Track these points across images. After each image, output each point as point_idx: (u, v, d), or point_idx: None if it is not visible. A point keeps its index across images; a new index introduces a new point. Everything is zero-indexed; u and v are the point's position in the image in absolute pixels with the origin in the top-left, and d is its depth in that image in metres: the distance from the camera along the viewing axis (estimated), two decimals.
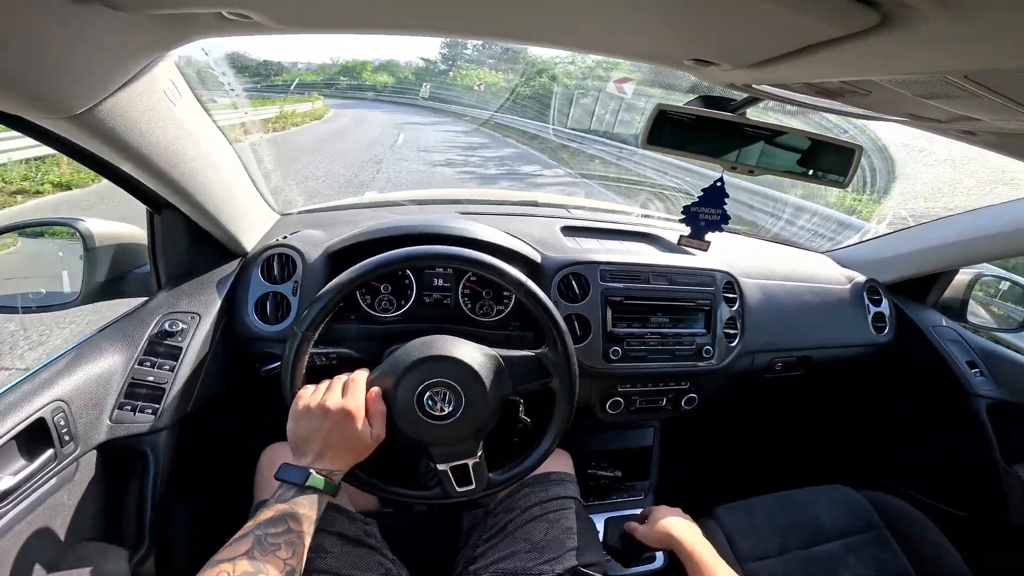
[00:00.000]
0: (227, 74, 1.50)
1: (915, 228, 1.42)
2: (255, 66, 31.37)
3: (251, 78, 27.78)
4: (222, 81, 1.19)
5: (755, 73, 0.59)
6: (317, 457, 0.68)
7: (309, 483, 0.65)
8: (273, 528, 0.60)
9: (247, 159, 1.12)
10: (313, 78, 37.53)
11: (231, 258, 1.12)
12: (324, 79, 38.76)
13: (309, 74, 44.69)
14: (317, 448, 0.68)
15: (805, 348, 1.32)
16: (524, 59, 23.46)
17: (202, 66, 0.89)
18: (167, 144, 0.77)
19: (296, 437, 0.70)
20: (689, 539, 0.85)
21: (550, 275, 1.13)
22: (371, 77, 41.97)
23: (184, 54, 0.71)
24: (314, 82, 34.79)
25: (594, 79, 13.77)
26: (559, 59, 18.02)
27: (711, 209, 1.03)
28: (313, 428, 0.69)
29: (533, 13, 0.51)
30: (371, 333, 1.10)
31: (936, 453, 1.43)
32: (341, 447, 0.69)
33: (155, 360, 0.90)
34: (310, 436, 0.69)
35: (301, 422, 0.70)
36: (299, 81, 29.25)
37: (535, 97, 16.88)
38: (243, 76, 30.08)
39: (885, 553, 1.05)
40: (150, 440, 0.86)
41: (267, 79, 28.80)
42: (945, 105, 0.57)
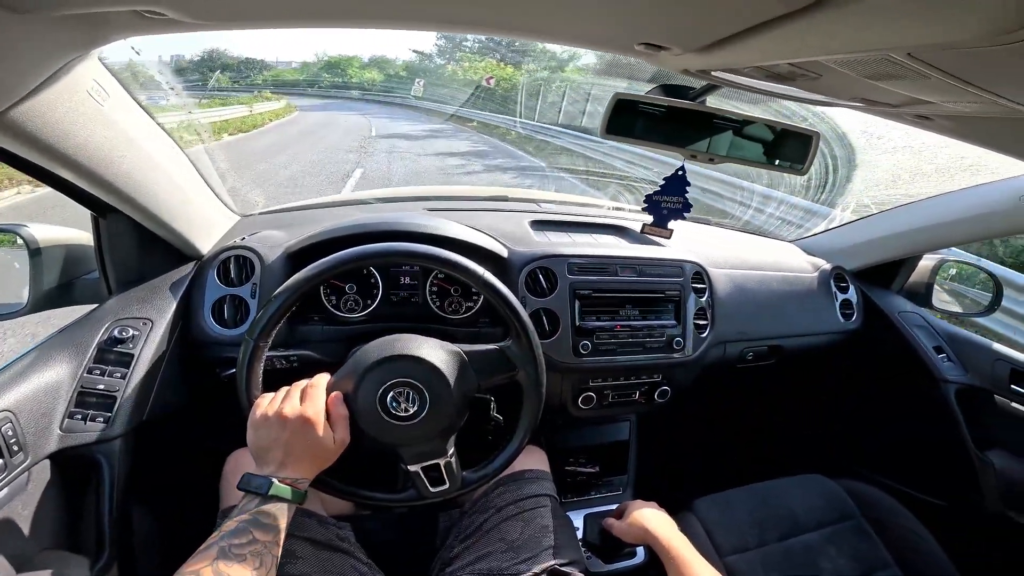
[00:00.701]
0: (164, 72, 1.45)
1: (879, 215, 1.44)
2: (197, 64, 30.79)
3: (192, 78, 27.19)
4: (159, 80, 1.15)
5: (706, 58, 0.58)
6: (280, 466, 0.66)
7: (272, 492, 0.63)
8: (237, 539, 0.58)
9: (201, 160, 1.08)
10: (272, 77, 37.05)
11: (186, 261, 1.08)
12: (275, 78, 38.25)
13: (288, 71, 43.87)
14: (279, 457, 0.66)
15: (775, 337, 1.33)
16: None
17: (137, 65, 0.85)
18: (98, 146, 0.74)
19: (256, 447, 0.68)
20: (665, 534, 0.84)
21: (517, 270, 1.11)
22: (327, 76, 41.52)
23: (117, 53, 0.69)
24: (276, 81, 34.27)
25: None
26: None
27: (673, 197, 1.03)
28: (272, 437, 0.67)
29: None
30: (336, 334, 1.07)
31: (908, 440, 1.45)
32: (303, 455, 0.67)
33: (105, 368, 0.87)
34: (270, 445, 0.67)
35: (260, 431, 0.68)
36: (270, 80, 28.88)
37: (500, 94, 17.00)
38: (183, 76, 29.35)
39: (863, 543, 1.05)
40: (103, 449, 0.83)
41: (240, 76, 28.26)
42: (895, 87, 0.57)
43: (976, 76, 0.44)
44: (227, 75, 44.23)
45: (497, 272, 0.88)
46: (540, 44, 14.80)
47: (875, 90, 0.61)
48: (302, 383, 0.74)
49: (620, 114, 0.83)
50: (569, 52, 13.32)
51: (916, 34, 0.37)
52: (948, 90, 0.51)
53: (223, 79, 30.27)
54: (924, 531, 1.09)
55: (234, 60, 31.13)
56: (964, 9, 0.33)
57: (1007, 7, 0.31)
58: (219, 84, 22.98)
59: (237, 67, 43.46)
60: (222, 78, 31.58)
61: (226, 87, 25.50)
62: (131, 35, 0.56)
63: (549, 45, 14.11)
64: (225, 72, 43.06)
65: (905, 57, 0.42)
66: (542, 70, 16.70)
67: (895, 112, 0.75)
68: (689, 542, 0.84)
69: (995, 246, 4.40)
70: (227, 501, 0.86)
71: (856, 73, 0.52)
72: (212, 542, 0.58)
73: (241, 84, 29.76)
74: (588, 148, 9.95)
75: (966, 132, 0.79)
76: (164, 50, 67.61)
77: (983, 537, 1.25)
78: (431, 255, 0.81)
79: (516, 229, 1.23)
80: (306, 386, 0.73)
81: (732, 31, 0.48)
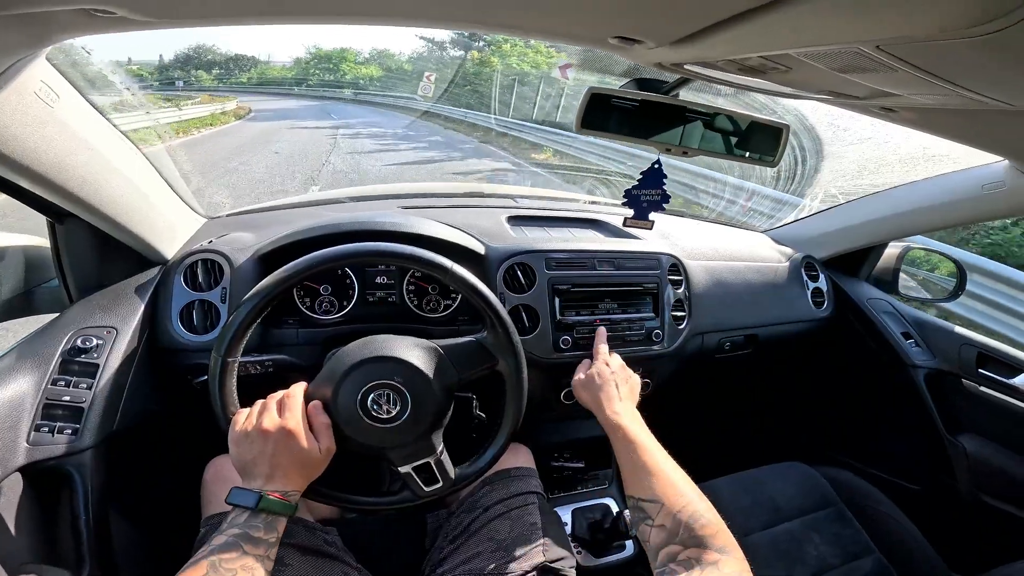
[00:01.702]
0: (117, 72, 1.39)
1: (846, 204, 1.48)
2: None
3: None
4: (112, 80, 1.10)
5: (680, 51, 0.58)
6: (267, 479, 0.65)
7: (262, 506, 0.62)
8: (227, 553, 0.57)
9: (163, 162, 1.04)
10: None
11: (149, 266, 1.04)
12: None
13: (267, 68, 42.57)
14: (265, 470, 0.65)
15: (751, 326, 1.35)
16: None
17: (88, 65, 0.82)
18: (49, 149, 0.71)
19: (240, 463, 0.67)
20: (613, 411, 0.83)
21: (495, 266, 1.10)
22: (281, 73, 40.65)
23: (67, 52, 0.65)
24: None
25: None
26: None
27: (652, 190, 1.04)
28: (256, 452, 0.66)
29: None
30: (312, 337, 1.05)
31: (882, 426, 1.49)
32: (290, 467, 0.66)
33: (70, 379, 0.84)
34: (255, 460, 0.66)
35: (242, 447, 0.67)
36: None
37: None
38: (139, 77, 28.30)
39: (845, 529, 1.08)
40: (73, 461, 0.81)
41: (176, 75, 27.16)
42: (863, 80, 0.58)
43: (941, 69, 0.44)
44: (212, 73, 42.73)
45: (475, 269, 0.87)
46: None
47: (843, 83, 0.62)
48: (278, 394, 0.72)
49: (595, 108, 0.82)
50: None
51: (884, 27, 0.38)
52: (914, 83, 0.52)
53: (206, 77, 29.17)
54: (902, 516, 1.12)
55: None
56: (930, 3, 0.33)
57: (971, 1, 0.31)
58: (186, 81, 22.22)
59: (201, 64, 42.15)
60: (205, 76, 30.41)
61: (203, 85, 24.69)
62: (80, 34, 0.53)
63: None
64: (201, 69, 41.65)
65: (873, 50, 0.43)
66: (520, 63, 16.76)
67: (861, 104, 0.77)
68: (640, 418, 0.83)
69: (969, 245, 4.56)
70: (209, 509, 0.85)
71: (825, 66, 0.53)
72: (201, 556, 0.57)
73: (219, 83, 28.76)
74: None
75: (929, 123, 0.81)
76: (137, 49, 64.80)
77: (958, 520, 1.29)
78: (396, 252, 0.79)
79: (493, 225, 1.22)
80: (283, 397, 0.72)
81: (704, 24, 0.48)
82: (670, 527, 0.64)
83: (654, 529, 0.66)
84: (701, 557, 0.60)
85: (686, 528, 0.63)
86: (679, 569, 0.59)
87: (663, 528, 0.65)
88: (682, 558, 0.61)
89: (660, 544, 0.64)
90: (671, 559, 0.62)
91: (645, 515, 0.68)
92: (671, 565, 0.61)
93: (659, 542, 0.65)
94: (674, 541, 0.63)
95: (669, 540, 0.64)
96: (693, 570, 0.58)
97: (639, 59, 0.67)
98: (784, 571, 1.00)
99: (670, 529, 0.64)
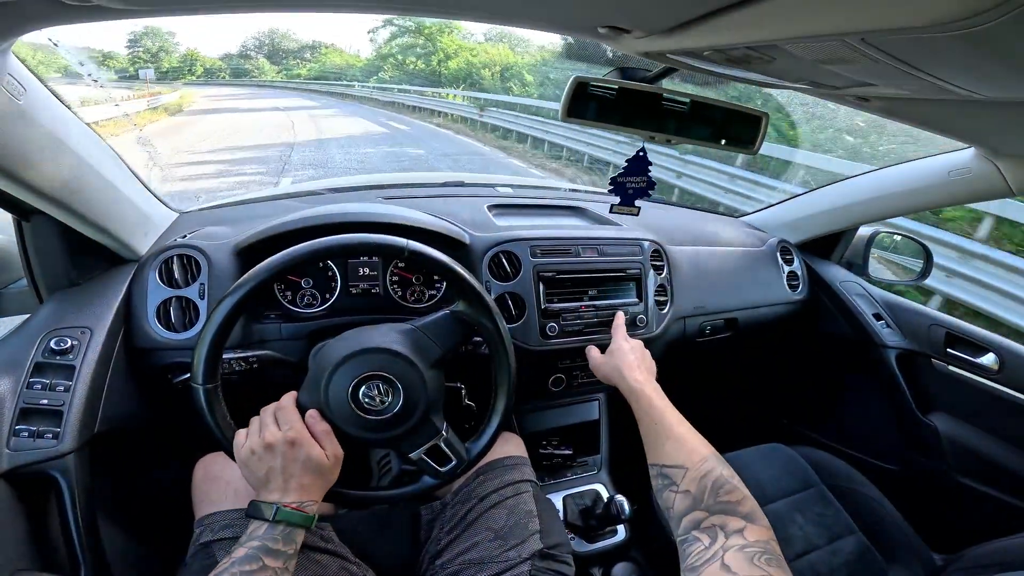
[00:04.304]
0: (85, 64, 1.33)
1: (819, 191, 1.52)
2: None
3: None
4: (80, 72, 1.06)
5: (667, 40, 0.59)
6: (284, 491, 0.65)
7: (279, 517, 0.63)
8: (248, 566, 0.58)
9: (133, 155, 1.00)
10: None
11: (122, 263, 1.00)
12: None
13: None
14: (280, 483, 0.65)
15: (730, 310, 1.38)
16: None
17: (55, 56, 0.78)
18: (16, 145, 0.68)
19: (255, 479, 0.67)
20: (637, 381, 0.84)
21: (479, 255, 1.10)
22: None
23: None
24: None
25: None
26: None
27: (637, 177, 1.04)
28: (267, 467, 0.66)
29: None
30: (295, 332, 1.04)
31: (857, 406, 1.54)
32: (304, 476, 0.66)
33: (45, 382, 0.81)
34: (267, 475, 0.66)
35: (252, 465, 0.66)
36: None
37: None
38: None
39: (827, 509, 1.11)
40: (56, 465, 0.79)
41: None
42: (843, 71, 0.59)
43: (921, 61, 0.46)
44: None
45: (459, 258, 0.87)
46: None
47: (823, 73, 0.64)
48: (270, 408, 0.72)
49: (579, 97, 0.82)
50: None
51: (870, 19, 0.39)
52: (893, 74, 0.54)
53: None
54: (880, 495, 1.16)
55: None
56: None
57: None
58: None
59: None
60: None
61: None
62: (50, 25, 0.50)
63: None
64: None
65: (858, 42, 0.44)
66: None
67: (837, 94, 0.78)
68: (660, 388, 0.84)
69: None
70: (202, 509, 0.83)
71: (809, 57, 0.54)
72: (222, 569, 0.58)
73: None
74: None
75: (900, 112, 0.84)
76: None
77: (935, 499, 1.33)
78: (344, 244, 0.77)
79: (476, 214, 1.22)
80: (275, 410, 0.71)
81: (695, 14, 0.48)
82: (695, 492, 0.63)
83: (679, 495, 0.65)
84: (726, 524, 0.58)
85: (711, 493, 0.62)
86: (703, 536, 0.58)
87: (688, 494, 0.64)
88: (706, 525, 0.59)
89: (684, 510, 0.63)
90: (695, 526, 0.60)
91: (670, 481, 0.67)
92: (694, 532, 0.60)
93: (683, 508, 0.63)
94: (699, 507, 0.62)
95: (694, 506, 0.62)
96: (718, 537, 0.57)
97: (626, 48, 0.67)
98: None
99: (695, 495, 0.63)
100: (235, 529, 0.78)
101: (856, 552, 1.04)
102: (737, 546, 0.55)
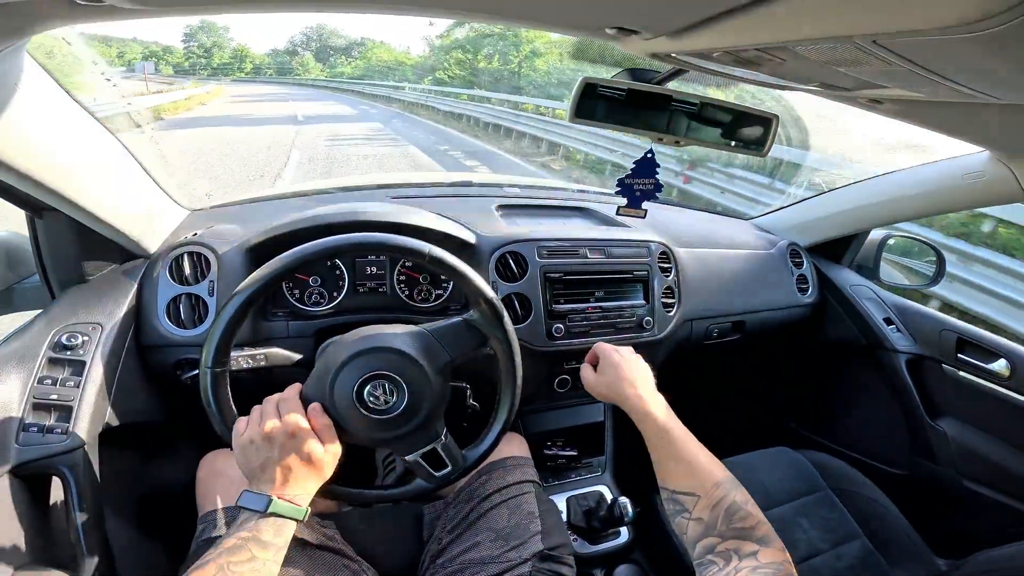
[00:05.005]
0: (98, 63, 1.34)
1: (830, 193, 1.50)
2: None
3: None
4: (94, 69, 1.07)
5: (676, 42, 0.58)
6: (279, 484, 0.64)
7: (271, 509, 0.62)
8: (236, 556, 0.57)
9: (143, 153, 1.01)
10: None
11: (132, 260, 1.02)
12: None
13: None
14: (275, 475, 0.64)
15: (738, 313, 1.37)
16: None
17: (70, 53, 0.79)
18: (30, 142, 0.69)
19: (249, 470, 0.66)
20: (643, 397, 0.76)
21: (487, 255, 1.10)
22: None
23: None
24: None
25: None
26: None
27: (645, 180, 1.04)
28: (263, 457, 0.65)
29: None
30: (303, 330, 1.04)
31: (864, 411, 1.52)
32: (300, 469, 0.65)
33: (56, 377, 0.82)
34: (264, 466, 0.65)
35: (249, 455, 0.66)
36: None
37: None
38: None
39: (832, 513, 1.11)
40: (65, 460, 0.79)
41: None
42: (855, 72, 0.59)
43: (935, 64, 0.45)
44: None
45: (467, 259, 0.87)
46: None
47: (834, 75, 0.63)
48: (274, 398, 0.71)
49: (588, 98, 0.82)
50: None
51: (884, 21, 0.38)
52: (906, 76, 0.53)
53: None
54: (886, 500, 1.15)
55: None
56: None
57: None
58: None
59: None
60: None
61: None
62: (63, 24, 0.51)
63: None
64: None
65: (870, 44, 0.44)
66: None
67: (849, 96, 0.78)
68: (665, 403, 0.77)
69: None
70: (205, 506, 0.84)
71: (820, 58, 0.53)
72: (209, 558, 0.57)
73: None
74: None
75: (913, 115, 0.83)
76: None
77: (941, 505, 1.32)
78: (367, 242, 0.77)
79: (483, 215, 1.22)
80: (278, 400, 0.70)
81: (705, 15, 0.48)
82: (708, 520, 0.63)
83: (691, 522, 0.64)
84: (740, 548, 0.59)
85: (725, 520, 0.62)
86: (718, 560, 0.58)
87: (700, 521, 0.64)
88: (720, 549, 0.60)
89: (697, 536, 0.63)
90: (709, 550, 0.61)
91: (682, 507, 0.66)
92: (709, 556, 0.60)
93: (696, 534, 0.63)
94: (712, 533, 0.62)
95: (708, 532, 0.62)
96: (731, 561, 0.57)
97: (635, 49, 0.67)
98: None
99: (708, 522, 0.63)
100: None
101: (860, 556, 1.04)
102: (750, 567, 0.55)
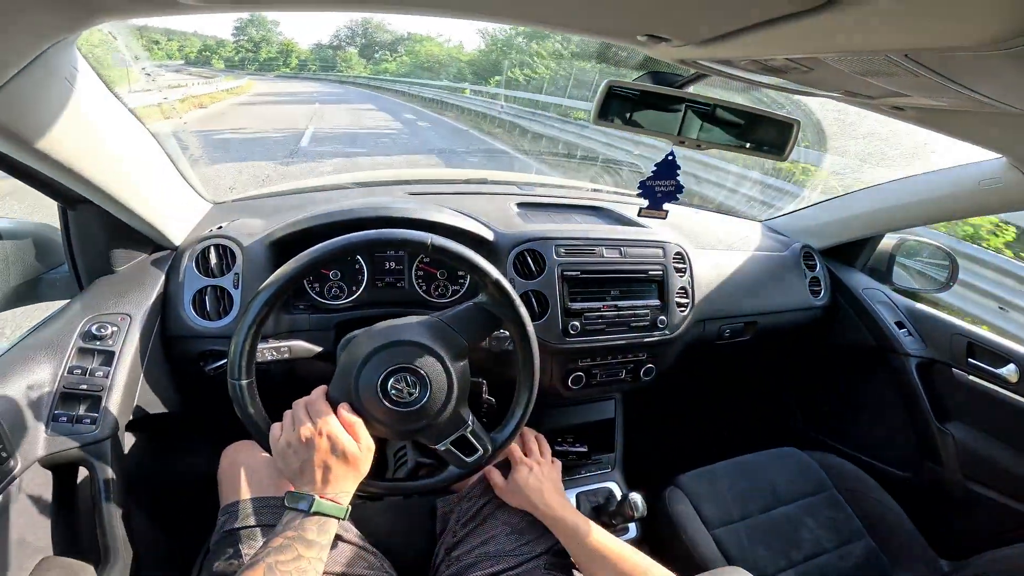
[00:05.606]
0: (140, 58, 1.36)
1: (845, 196, 1.50)
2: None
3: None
4: (130, 63, 1.08)
5: (705, 50, 0.59)
6: (320, 484, 0.67)
7: (315, 509, 0.64)
8: (283, 555, 0.60)
9: (171, 146, 1.03)
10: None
11: (159, 251, 1.04)
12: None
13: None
14: (317, 475, 0.67)
15: (750, 314, 1.38)
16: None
17: (111, 47, 0.80)
18: (73, 135, 0.70)
19: (291, 472, 0.69)
20: (552, 509, 0.85)
21: (505, 252, 1.12)
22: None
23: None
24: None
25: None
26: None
27: (665, 181, 1.05)
28: (303, 460, 0.68)
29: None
30: (323, 323, 1.06)
31: (873, 413, 1.53)
32: (338, 468, 0.68)
33: (86, 367, 0.83)
34: (304, 468, 0.67)
35: (288, 459, 0.69)
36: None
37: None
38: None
39: (838, 514, 1.12)
40: (94, 450, 0.80)
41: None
42: (880, 82, 0.60)
43: (964, 77, 0.46)
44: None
45: (485, 255, 0.88)
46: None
47: (860, 83, 0.64)
48: (301, 402, 0.73)
49: (611, 101, 0.83)
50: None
51: (919, 38, 0.39)
52: (931, 88, 0.54)
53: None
54: (892, 502, 1.16)
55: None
56: (967, 16, 0.35)
57: (1008, 16, 0.33)
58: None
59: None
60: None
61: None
62: (122, 17, 0.52)
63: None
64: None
65: (901, 58, 0.45)
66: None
67: (872, 103, 0.78)
68: (576, 512, 0.85)
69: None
70: (227, 497, 0.85)
71: (849, 69, 0.54)
72: (259, 558, 0.59)
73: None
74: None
75: (934, 122, 0.83)
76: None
77: (947, 507, 1.33)
78: (369, 240, 0.79)
79: (502, 212, 1.23)
80: (307, 404, 0.73)
81: (737, 27, 0.49)
82: None
83: None
84: None
85: None
86: None
87: None
88: None
89: None
90: None
91: None
92: None
93: None
94: None
95: None
96: None
97: (661, 55, 0.68)
98: (781, 555, 1.04)
99: None
100: (259, 517, 0.80)
101: (864, 557, 1.05)
102: None
